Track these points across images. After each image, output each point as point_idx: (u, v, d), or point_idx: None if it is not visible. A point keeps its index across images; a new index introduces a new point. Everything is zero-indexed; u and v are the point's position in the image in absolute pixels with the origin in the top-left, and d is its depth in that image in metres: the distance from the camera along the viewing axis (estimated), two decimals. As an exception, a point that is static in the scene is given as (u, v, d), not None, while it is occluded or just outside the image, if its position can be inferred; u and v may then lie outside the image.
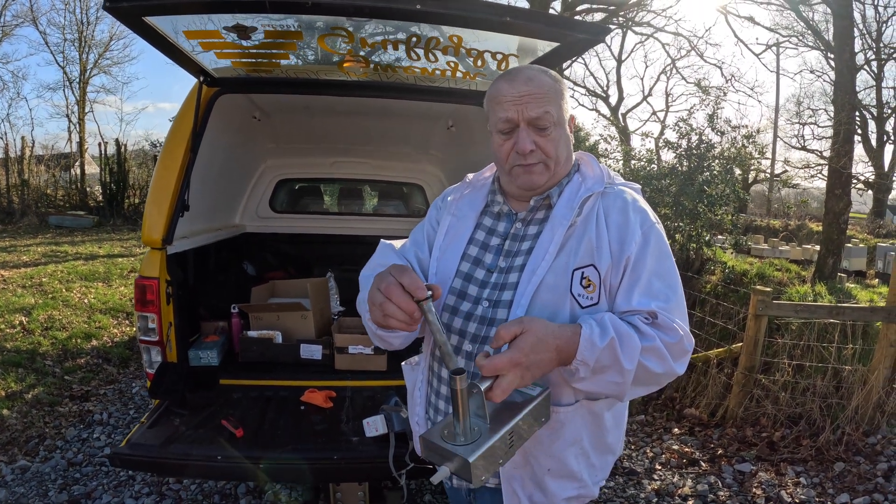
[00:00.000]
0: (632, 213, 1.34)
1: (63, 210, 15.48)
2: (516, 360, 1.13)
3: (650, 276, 1.29)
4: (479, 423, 1.16)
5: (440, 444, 1.14)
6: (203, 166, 3.28)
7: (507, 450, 1.17)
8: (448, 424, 1.17)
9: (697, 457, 4.03)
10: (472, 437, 1.13)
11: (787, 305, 4.29)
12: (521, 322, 1.17)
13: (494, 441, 1.13)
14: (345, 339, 3.18)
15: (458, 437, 1.14)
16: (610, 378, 1.22)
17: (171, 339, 2.90)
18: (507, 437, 1.15)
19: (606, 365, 1.20)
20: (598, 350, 1.18)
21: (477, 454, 1.09)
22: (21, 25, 24.81)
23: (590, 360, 1.18)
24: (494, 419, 1.17)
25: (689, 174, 6.86)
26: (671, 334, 1.24)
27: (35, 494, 3.38)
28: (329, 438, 2.51)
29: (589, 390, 1.27)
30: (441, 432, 1.17)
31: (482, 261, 1.42)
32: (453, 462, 1.11)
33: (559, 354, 1.18)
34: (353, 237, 5.04)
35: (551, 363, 1.18)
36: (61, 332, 6.13)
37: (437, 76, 2.85)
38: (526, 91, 1.32)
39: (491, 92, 1.39)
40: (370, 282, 1.28)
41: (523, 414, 1.18)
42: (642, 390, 1.29)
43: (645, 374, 1.23)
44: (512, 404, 1.20)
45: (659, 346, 1.23)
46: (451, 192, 1.59)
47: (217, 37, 2.39)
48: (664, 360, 1.24)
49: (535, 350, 1.14)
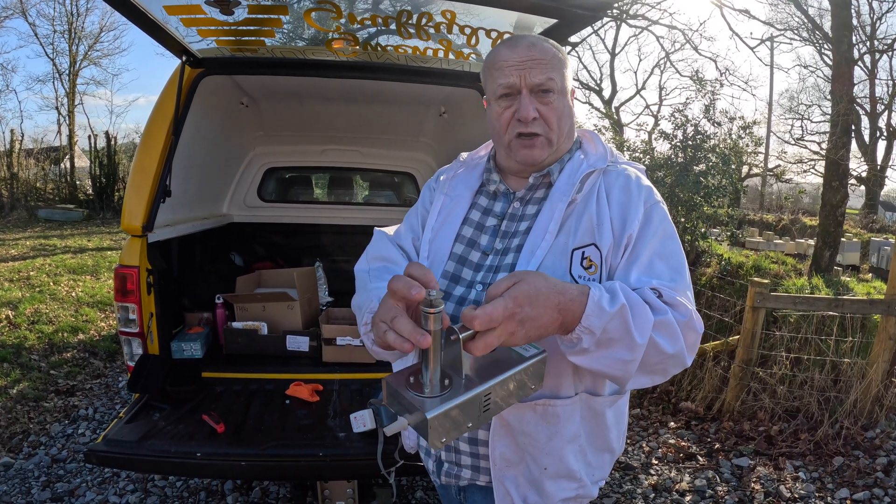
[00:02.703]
0: (635, 189, 1.24)
1: (53, 203, 15.37)
2: (509, 310, 0.94)
3: (651, 255, 1.18)
4: (455, 376, 0.98)
5: (401, 391, 0.97)
6: (187, 152, 3.18)
7: (479, 414, 0.97)
8: (419, 370, 0.99)
9: (695, 451, 3.96)
10: (440, 391, 0.95)
11: (785, 297, 4.22)
12: (516, 275, 1.00)
13: (465, 399, 0.94)
14: (333, 330, 3.08)
15: (424, 387, 0.96)
16: (617, 354, 1.05)
17: (152, 331, 2.80)
18: (481, 397, 0.96)
19: (614, 338, 1.03)
20: (607, 316, 1.01)
21: (438, 410, 0.91)
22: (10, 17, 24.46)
23: (596, 328, 1.01)
24: (473, 375, 0.99)
25: (684, 166, 6.79)
26: (681, 310, 1.11)
27: (18, 492, 3.29)
28: (315, 434, 2.42)
29: (591, 367, 1.09)
30: (407, 378, 0.99)
31: (477, 242, 1.33)
32: (413, 415, 0.94)
33: (561, 315, 1.00)
34: (343, 227, 4.96)
35: (551, 324, 0.99)
36: (48, 326, 6.03)
37: (428, 56, 2.75)
38: (528, 56, 1.22)
39: (490, 59, 1.29)
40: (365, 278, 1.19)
41: (508, 374, 0.99)
42: (646, 379, 1.14)
43: (655, 353, 1.07)
44: (498, 362, 1.02)
45: (671, 320, 1.07)
46: (443, 172, 1.50)
47: (199, 12, 2.29)
48: (676, 338, 1.09)
49: (531, 302, 0.96)
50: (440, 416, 0.92)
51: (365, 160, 5.11)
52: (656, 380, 1.15)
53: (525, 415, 1.21)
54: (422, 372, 0.96)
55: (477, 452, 1.30)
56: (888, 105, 21.21)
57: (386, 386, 1.01)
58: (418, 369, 0.99)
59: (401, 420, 0.96)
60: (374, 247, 1.43)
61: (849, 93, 7.53)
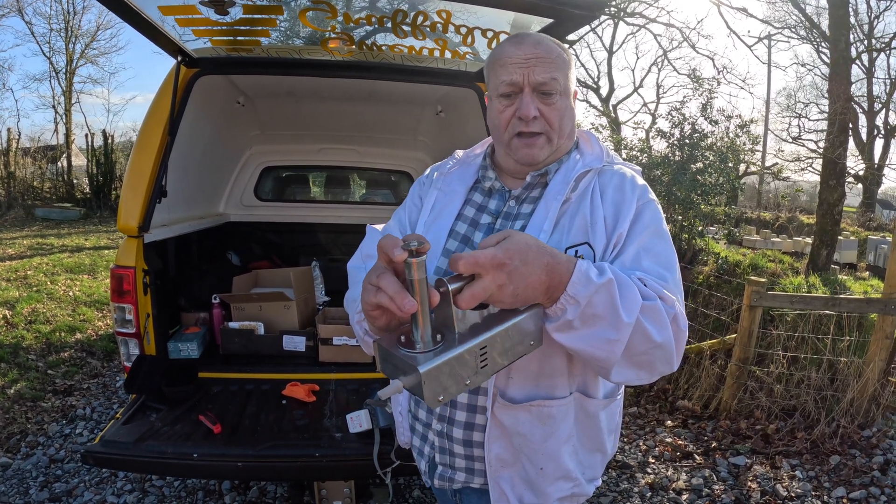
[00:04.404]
0: (629, 188, 1.23)
1: (50, 202, 15.34)
2: (499, 259, 0.91)
3: (639, 249, 1.16)
4: (448, 333, 0.93)
5: (393, 350, 0.92)
6: (183, 152, 3.17)
7: (476, 369, 0.93)
8: (410, 330, 0.94)
9: (691, 450, 3.97)
10: (433, 346, 0.90)
11: (782, 296, 4.22)
12: (507, 231, 0.98)
13: (460, 352, 0.89)
14: (329, 329, 3.08)
15: (416, 344, 0.91)
16: (602, 332, 1.01)
17: (149, 331, 2.80)
18: (477, 350, 0.91)
19: (599, 313, 0.99)
20: (593, 286, 0.98)
21: (431, 364, 0.86)
22: (7, 15, 24.41)
23: (581, 297, 0.98)
24: (469, 331, 0.94)
25: (681, 164, 6.80)
26: (668, 303, 1.08)
27: (16, 492, 3.28)
28: (311, 435, 2.42)
29: (576, 348, 1.05)
30: (398, 337, 0.95)
31: (471, 239, 1.32)
32: (407, 376, 0.89)
33: (549, 277, 0.97)
34: (340, 226, 4.95)
35: (539, 285, 0.96)
36: (45, 326, 6.02)
37: (424, 56, 2.74)
38: (533, 54, 1.22)
39: (494, 55, 1.28)
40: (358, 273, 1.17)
41: (504, 326, 0.95)
42: (632, 372, 1.09)
43: (642, 339, 1.03)
44: (493, 316, 0.98)
45: (660, 307, 1.04)
46: (437, 168, 1.49)
47: (194, 12, 2.28)
48: (664, 326, 1.05)
49: (521, 257, 0.94)
50: (434, 370, 0.87)
51: (361, 159, 5.10)
52: (642, 375, 1.10)
53: (520, 416, 1.21)
54: (412, 330, 0.92)
55: (472, 454, 1.30)
56: (885, 103, 21.24)
57: (377, 348, 0.97)
58: (409, 329, 0.95)
59: (395, 383, 0.91)
60: (367, 244, 1.41)
61: (846, 92, 7.53)
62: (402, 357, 0.90)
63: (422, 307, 0.90)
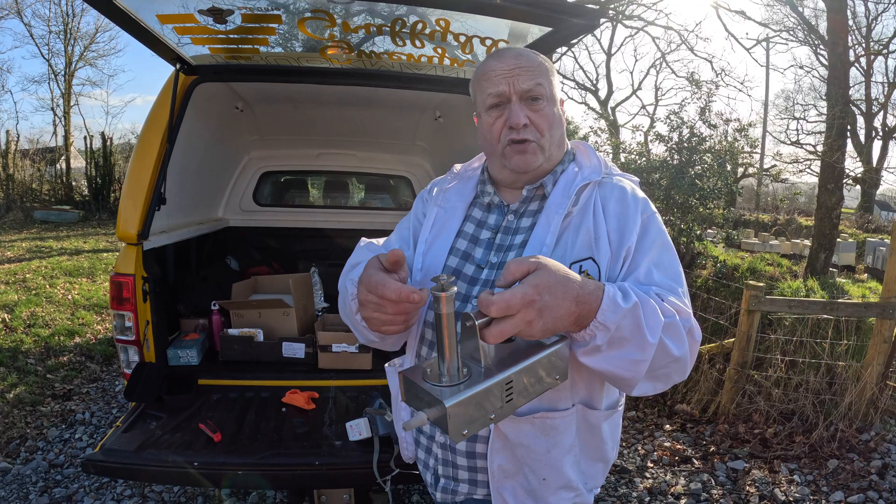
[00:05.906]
0: (631, 202, 1.24)
1: (48, 205, 15.30)
2: (529, 297, 0.91)
3: (650, 265, 1.18)
4: (474, 366, 0.93)
5: (419, 383, 0.92)
6: (182, 158, 3.17)
7: (502, 403, 0.92)
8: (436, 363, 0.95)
9: (690, 454, 3.97)
10: (459, 380, 0.90)
11: (780, 301, 4.23)
12: (537, 258, 0.97)
13: (486, 387, 0.89)
14: (328, 336, 3.08)
15: (442, 377, 0.91)
16: (629, 354, 1.02)
17: (148, 338, 2.80)
18: (503, 385, 0.91)
19: (626, 336, 1.01)
20: (621, 312, 0.99)
21: (458, 399, 0.86)
22: (6, 18, 24.40)
23: (611, 324, 0.99)
24: (494, 364, 0.94)
25: (679, 168, 6.81)
26: (684, 316, 1.11)
27: (16, 498, 3.28)
28: (311, 443, 2.41)
29: (602, 369, 1.07)
30: (424, 370, 0.95)
31: (472, 255, 1.32)
32: (432, 408, 0.89)
33: (578, 307, 0.97)
34: (339, 231, 4.95)
35: (568, 316, 0.96)
36: (44, 330, 6.01)
37: (423, 63, 2.75)
38: (516, 64, 1.24)
39: (478, 72, 1.30)
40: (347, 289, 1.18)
41: (530, 361, 0.95)
42: (650, 385, 1.12)
43: (663, 355, 1.06)
44: (517, 352, 0.98)
45: (678, 323, 1.07)
46: (437, 184, 1.50)
47: (192, 21, 2.28)
48: (682, 341, 1.09)
49: (551, 291, 0.93)
50: (460, 405, 0.87)
51: (360, 164, 5.10)
52: (658, 387, 1.13)
53: (523, 428, 1.22)
54: (438, 363, 0.92)
55: (475, 466, 1.30)
56: (883, 105, 21.28)
57: (403, 380, 0.97)
58: (435, 362, 0.95)
59: (419, 415, 0.91)
60: (356, 257, 1.42)
61: (844, 95, 7.54)
62: (429, 390, 0.90)
63: (448, 341, 0.90)
